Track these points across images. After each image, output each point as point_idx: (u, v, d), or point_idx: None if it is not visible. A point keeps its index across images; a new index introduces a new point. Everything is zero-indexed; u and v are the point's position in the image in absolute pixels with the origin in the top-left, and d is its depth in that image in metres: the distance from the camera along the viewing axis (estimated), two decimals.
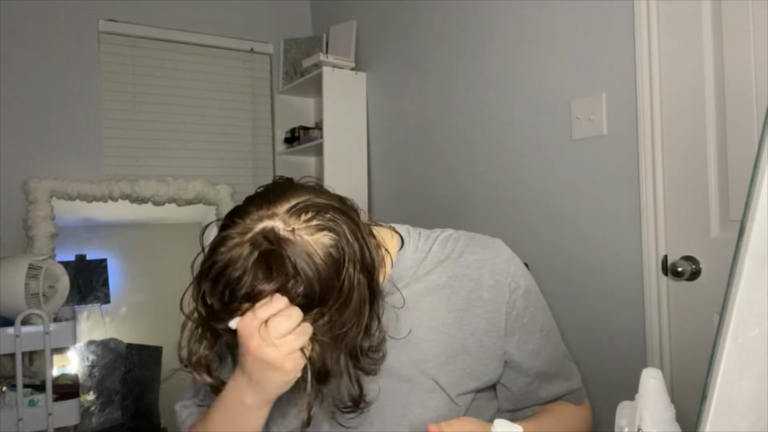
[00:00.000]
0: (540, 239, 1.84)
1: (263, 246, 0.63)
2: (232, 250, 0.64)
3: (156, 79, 2.79)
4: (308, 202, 0.67)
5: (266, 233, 0.64)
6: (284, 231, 0.64)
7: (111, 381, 2.61)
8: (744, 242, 0.45)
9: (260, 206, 0.66)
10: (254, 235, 0.64)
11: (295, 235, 0.64)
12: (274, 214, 0.65)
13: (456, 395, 0.79)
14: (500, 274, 0.80)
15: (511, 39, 1.95)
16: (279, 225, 0.64)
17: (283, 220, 0.65)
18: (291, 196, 0.68)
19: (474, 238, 0.85)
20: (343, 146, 2.63)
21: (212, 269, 0.65)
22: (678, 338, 1.49)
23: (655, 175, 1.51)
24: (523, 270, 0.83)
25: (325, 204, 0.67)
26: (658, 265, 1.51)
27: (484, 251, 0.82)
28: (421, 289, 0.80)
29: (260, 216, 0.65)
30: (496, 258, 0.82)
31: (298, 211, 0.65)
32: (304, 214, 0.65)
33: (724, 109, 1.38)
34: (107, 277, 2.82)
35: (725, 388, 0.44)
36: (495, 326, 0.80)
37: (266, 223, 0.65)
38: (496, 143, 2.02)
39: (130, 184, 2.63)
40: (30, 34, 2.51)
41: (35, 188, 2.43)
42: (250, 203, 0.68)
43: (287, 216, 0.65)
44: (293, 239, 0.64)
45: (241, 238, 0.65)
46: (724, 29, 1.37)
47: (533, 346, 0.83)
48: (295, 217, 0.65)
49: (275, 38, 3.07)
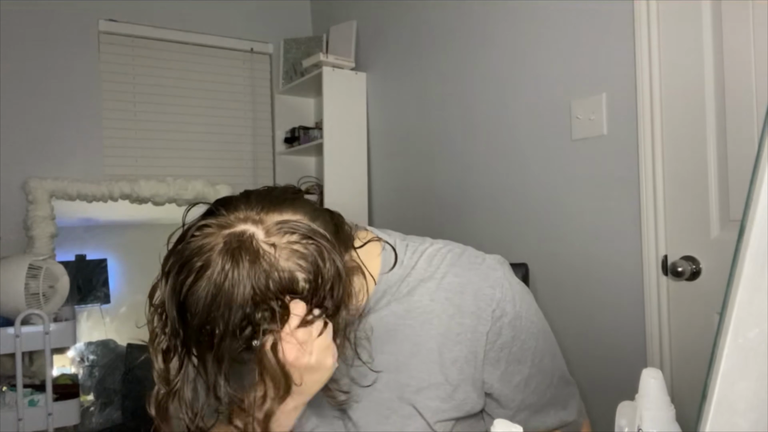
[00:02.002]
0: (540, 239, 1.84)
1: (234, 247, 0.61)
2: (204, 239, 0.62)
3: (156, 79, 2.79)
4: (299, 223, 0.63)
5: (243, 236, 0.61)
6: (263, 242, 0.61)
7: (111, 381, 2.61)
8: (744, 242, 0.45)
9: (251, 207, 0.64)
10: (232, 233, 0.62)
11: (275, 250, 0.61)
12: (261, 221, 0.63)
13: (435, 422, 0.75)
14: (483, 300, 0.75)
15: (511, 39, 1.95)
16: (260, 234, 0.62)
17: (266, 231, 0.62)
18: (287, 210, 0.65)
19: (461, 256, 0.78)
20: (343, 146, 2.63)
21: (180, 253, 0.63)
22: (678, 338, 1.49)
23: (655, 175, 1.51)
24: (515, 294, 0.77)
25: (315, 231, 0.64)
26: (658, 265, 1.51)
27: (469, 273, 0.76)
28: (402, 312, 0.76)
29: (247, 216, 0.63)
30: (480, 282, 0.76)
31: (285, 229, 0.62)
32: (290, 234, 0.62)
33: (724, 109, 1.38)
34: (107, 277, 2.82)
35: (725, 388, 0.44)
36: (475, 355, 0.75)
37: (249, 227, 0.62)
38: (496, 143, 2.02)
39: (130, 184, 2.63)
40: (30, 34, 2.51)
41: (35, 188, 2.43)
42: (243, 200, 0.66)
43: (273, 228, 0.62)
44: (268, 254, 0.61)
45: (218, 230, 0.62)
46: (724, 29, 1.37)
47: (521, 377, 0.77)
48: (279, 234, 0.62)
49: (275, 38, 3.07)
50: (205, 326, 0.61)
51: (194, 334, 0.62)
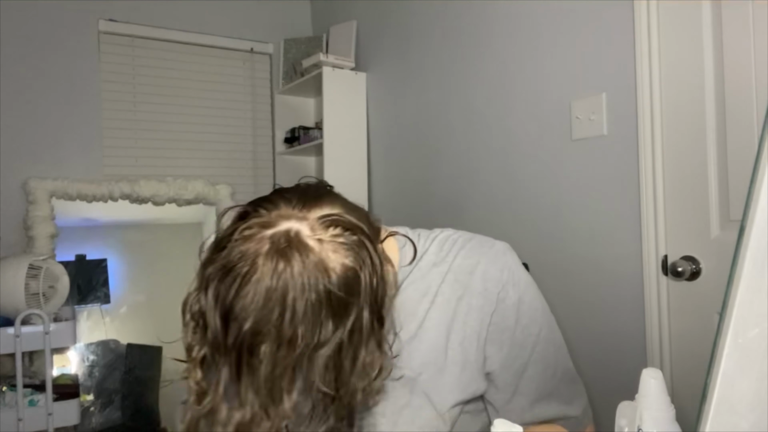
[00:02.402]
0: (540, 239, 1.84)
1: (283, 246, 0.58)
2: (247, 242, 0.59)
3: (156, 79, 2.79)
4: (340, 217, 0.62)
5: (290, 234, 0.59)
6: (310, 238, 0.59)
7: (111, 381, 2.61)
8: (744, 242, 0.45)
9: (291, 204, 0.62)
10: (276, 232, 0.59)
11: (322, 245, 0.59)
12: (305, 217, 0.61)
13: (444, 410, 0.75)
14: (490, 282, 0.76)
15: (511, 39, 1.95)
16: (306, 230, 0.60)
17: (311, 226, 0.60)
18: (325, 204, 0.63)
19: (471, 240, 0.80)
20: (343, 146, 2.63)
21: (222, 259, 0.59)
22: (678, 338, 1.49)
23: (655, 175, 1.51)
24: (520, 279, 0.78)
25: (355, 224, 0.62)
26: (658, 265, 1.51)
27: (479, 255, 0.78)
28: (417, 296, 0.77)
29: (290, 214, 0.61)
30: (489, 264, 0.77)
31: (328, 223, 0.61)
32: (333, 228, 0.61)
33: (724, 109, 1.38)
34: (107, 277, 2.82)
35: (725, 388, 0.44)
36: (478, 335, 0.76)
37: (293, 224, 0.60)
38: (496, 143, 2.02)
39: (130, 184, 2.63)
40: (30, 34, 2.51)
41: (35, 188, 2.43)
42: (280, 197, 0.63)
43: (317, 223, 0.61)
44: (316, 249, 0.59)
45: (260, 231, 0.59)
46: (724, 29, 1.37)
47: (521, 362, 0.77)
48: (323, 229, 0.60)
49: (275, 38, 3.07)
50: (257, 335, 0.57)
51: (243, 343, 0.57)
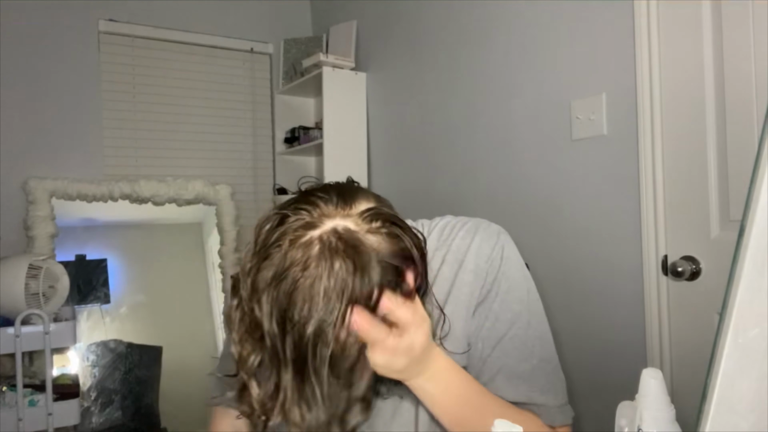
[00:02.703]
0: (540, 239, 1.84)
1: (333, 245, 0.59)
2: (294, 246, 0.59)
3: (156, 79, 2.79)
4: (379, 210, 0.64)
5: (338, 232, 0.60)
6: (359, 233, 0.61)
7: (111, 381, 2.61)
8: (744, 242, 0.45)
9: (331, 202, 0.63)
10: (324, 231, 0.60)
11: (369, 236, 0.61)
12: (348, 214, 0.62)
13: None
14: (481, 258, 0.79)
15: (511, 39, 1.95)
16: (352, 225, 0.61)
17: (356, 222, 0.62)
18: (361, 199, 0.65)
19: (468, 222, 0.84)
20: (343, 146, 2.63)
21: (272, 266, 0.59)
22: (678, 338, 1.49)
23: (655, 175, 1.51)
24: (510, 260, 0.80)
25: (393, 215, 0.65)
26: (658, 265, 1.51)
27: (474, 236, 0.81)
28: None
29: (333, 212, 0.62)
30: (482, 241, 0.80)
31: (370, 217, 0.62)
32: (375, 221, 0.62)
33: (724, 109, 1.38)
34: (107, 277, 2.82)
35: (725, 388, 0.44)
36: (467, 307, 0.78)
37: (338, 221, 0.61)
38: (496, 143, 2.02)
39: (130, 184, 2.63)
40: (30, 34, 2.51)
41: (35, 188, 2.43)
42: (318, 198, 0.64)
43: (360, 218, 0.62)
44: (366, 242, 0.60)
45: (305, 232, 0.60)
46: (724, 29, 1.37)
47: (497, 334, 0.78)
48: (367, 222, 0.62)
49: (275, 38, 3.08)
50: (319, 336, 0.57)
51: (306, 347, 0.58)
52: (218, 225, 2.85)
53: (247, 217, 2.94)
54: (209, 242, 3.07)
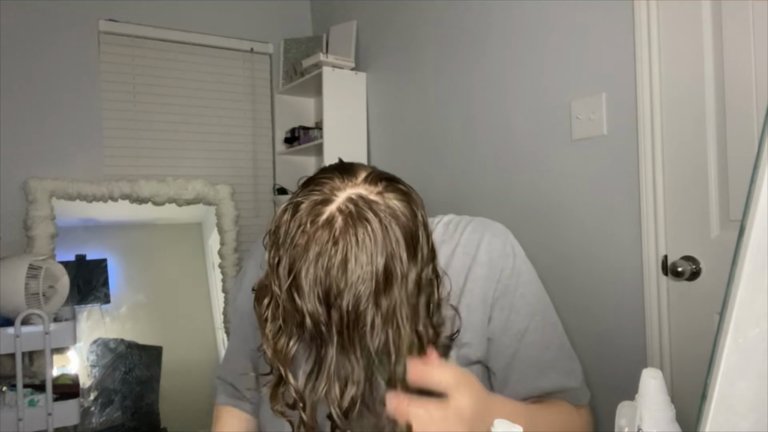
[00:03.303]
0: (540, 239, 1.84)
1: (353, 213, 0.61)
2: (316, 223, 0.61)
3: (156, 79, 2.79)
4: (378, 171, 0.68)
5: (354, 199, 0.62)
6: (371, 194, 0.63)
7: (111, 381, 2.61)
8: (744, 242, 0.45)
9: (337, 177, 0.65)
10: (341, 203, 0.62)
11: (383, 197, 0.63)
12: (355, 183, 0.65)
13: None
14: (494, 252, 0.81)
15: (511, 39, 1.95)
16: (363, 191, 0.64)
17: (365, 188, 0.64)
18: (360, 168, 0.68)
19: (474, 219, 0.87)
20: (343, 146, 2.63)
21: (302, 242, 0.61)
22: (678, 338, 1.49)
23: (655, 175, 1.51)
24: (520, 255, 0.84)
25: (392, 175, 0.68)
26: (658, 265, 1.51)
27: (483, 230, 0.84)
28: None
29: (341, 185, 0.64)
30: (493, 237, 0.83)
31: (373, 179, 0.65)
32: (380, 181, 0.65)
33: (724, 109, 1.38)
34: (107, 277, 2.82)
35: (725, 388, 0.44)
36: (484, 301, 0.80)
37: (349, 191, 0.63)
38: (496, 143, 2.02)
39: (130, 184, 2.63)
40: (30, 34, 2.51)
41: (35, 188, 2.43)
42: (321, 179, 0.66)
43: (367, 183, 0.65)
44: (381, 201, 0.63)
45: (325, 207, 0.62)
46: (724, 29, 1.37)
47: (518, 327, 0.80)
48: (373, 184, 0.65)
49: (275, 38, 3.08)
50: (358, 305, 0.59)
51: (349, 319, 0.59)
52: (218, 225, 2.85)
53: (247, 217, 2.94)
54: (209, 242, 3.07)
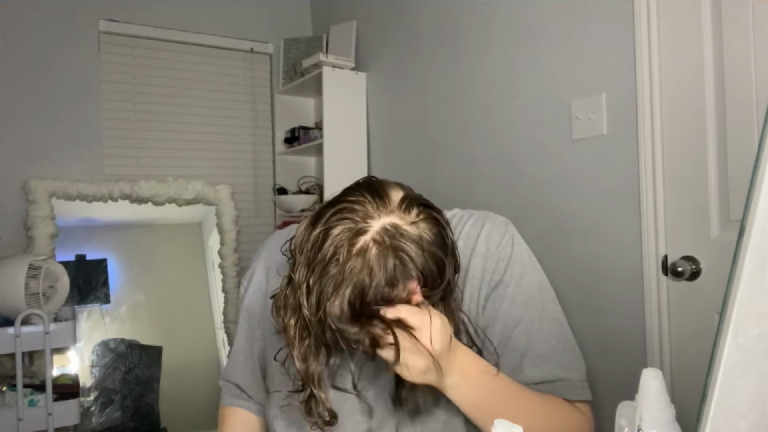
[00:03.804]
0: (540, 239, 1.84)
1: (387, 245, 0.62)
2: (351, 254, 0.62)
3: (156, 79, 2.79)
4: (412, 196, 0.68)
5: (388, 231, 0.63)
6: (404, 224, 0.64)
7: (111, 381, 2.61)
8: (744, 242, 0.45)
9: (369, 202, 0.65)
10: (375, 234, 0.63)
11: (417, 228, 0.64)
12: (390, 210, 0.65)
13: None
14: (492, 243, 0.82)
15: (511, 39, 1.95)
16: (398, 221, 0.64)
17: (399, 216, 0.65)
18: (392, 191, 0.68)
19: (475, 213, 0.87)
20: (343, 146, 2.63)
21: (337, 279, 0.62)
22: (678, 338, 1.49)
23: (655, 175, 1.51)
24: (521, 246, 0.84)
25: (422, 198, 0.69)
26: (658, 265, 1.51)
27: (484, 223, 0.84)
28: None
29: (375, 213, 0.64)
30: (492, 228, 0.83)
31: (407, 206, 0.66)
32: (414, 208, 0.66)
33: (724, 109, 1.38)
34: (107, 277, 2.82)
35: (725, 388, 0.44)
36: (480, 290, 0.81)
37: (383, 220, 0.64)
38: (496, 143, 2.02)
39: (130, 184, 2.63)
40: (30, 34, 2.51)
41: (35, 188, 2.43)
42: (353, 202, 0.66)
43: (401, 211, 0.65)
44: (414, 232, 0.64)
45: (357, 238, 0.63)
46: (724, 29, 1.37)
47: (515, 317, 0.80)
48: (408, 213, 0.65)
49: (275, 38, 3.07)
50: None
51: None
52: (218, 225, 2.85)
53: (247, 217, 2.94)
54: (209, 242, 3.07)
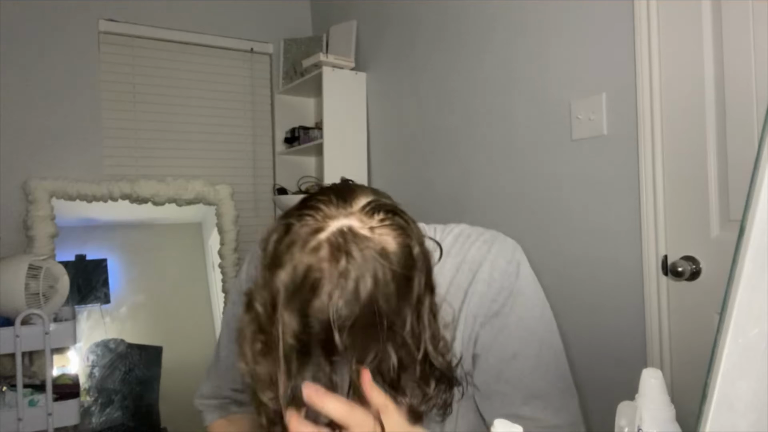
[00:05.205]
0: (540, 239, 1.84)
1: (340, 246, 0.60)
2: (304, 251, 0.60)
3: (156, 79, 2.79)
4: (378, 201, 0.65)
5: (344, 233, 0.61)
6: (362, 228, 0.62)
7: (111, 381, 2.61)
8: (744, 242, 0.45)
9: (333, 203, 0.63)
10: (330, 234, 0.61)
11: (374, 232, 0.62)
12: (350, 212, 0.63)
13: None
14: (497, 271, 0.79)
15: (511, 39, 1.95)
16: (356, 223, 0.62)
17: (359, 219, 0.62)
18: (360, 195, 0.65)
19: (485, 233, 0.83)
20: (343, 146, 2.63)
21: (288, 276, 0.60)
22: (678, 338, 1.49)
23: (655, 175, 1.51)
24: (527, 276, 0.81)
25: (392, 205, 0.66)
26: (658, 265, 1.51)
27: (490, 246, 0.81)
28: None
29: (335, 213, 0.62)
30: (498, 254, 0.80)
31: (371, 210, 0.63)
32: (377, 213, 0.63)
33: (724, 109, 1.38)
34: (107, 277, 2.82)
35: (725, 388, 0.44)
36: (475, 317, 0.78)
37: (342, 221, 0.62)
38: (496, 143, 2.02)
39: (130, 184, 2.63)
40: (30, 34, 2.51)
41: (35, 188, 2.43)
42: (318, 201, 0.64)
43: (362, 214, 0.63)
44: (372, 237, 0.61)
45: (316, 236, 0.61)
46: (724, 29, 1.37)
47: (511, 350, 0.77)
48: (369, 216, 0.63)
49: (275, 38, 3.07)
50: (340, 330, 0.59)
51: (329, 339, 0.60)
52: (218, 225, 2.85)
53: (247, 217, 2.94)
54: (209, 242, 3.07)
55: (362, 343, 0.61)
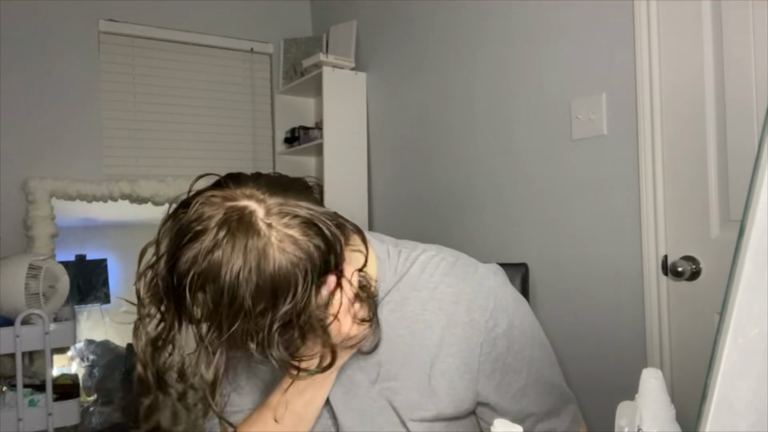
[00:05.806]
0: (540, 239, 1.84)
1: (232, 220, 0.61)
2: (205, 206, 0.62)
3: (156, 79, 2.79)
4: (299, 209, 0.63)
5: (244, 211, 0.61)
6: (261, 220, 0.61)
7: (111, 381, 2.61)
8: (744, 242, 0.45)
9: (259, 186, 0.64)
10: (234, 205, 0.62)
11: (269, 230, 0.61)
12: (264, 201, 0.63)
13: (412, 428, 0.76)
14: (477, 311, 0.74)
15: (511, 39, 1.95)
16: (261, 212, 0.62)
17: (267, 210, 0.62)
18: (291, 196, 0.64)
19: (454, 266, 0.78)
20: (343, 146, 2.63)
21: (180, 217, 0.64)
22: (678, 338, 1.49)
23: (655, 175, 1.51)
24: (508, 303, 0.77)
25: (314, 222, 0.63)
26: (658, 265, 1.51)
27: (462, 283, 0.76)
28: (394, 320, 0.75)
29: (252, 194, 0.63)
30: (473, 292, 0.75)
31: (285, 212, 0.62)
32: (290, 218, 0.62)
33: (724, 109, 1.38)
34: (107, 277, 2.82)
35: (725, 388, 0.44)
36: (469, 367, 0.75)
37: (252, 203, 0.62)
38: (496, 143, 2.02)
39: (130, 184, 2.63)
40: (30, 34, 2.51)
41: (35, 188, 2.43)
42: (252, 178, 0.66)
43: (274, 209, 0.62)
44: (263, 233, 0.61)
45: (222, 202, 0.63)
46: (724, 29, 1.37)
47: (518, 386, 0.77)
48: (279, 216, 0.62)
49: (275, 38, 3.07)
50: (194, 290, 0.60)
51: (182, 295, 0.61)
52: None
53: None
54: None
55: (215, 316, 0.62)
